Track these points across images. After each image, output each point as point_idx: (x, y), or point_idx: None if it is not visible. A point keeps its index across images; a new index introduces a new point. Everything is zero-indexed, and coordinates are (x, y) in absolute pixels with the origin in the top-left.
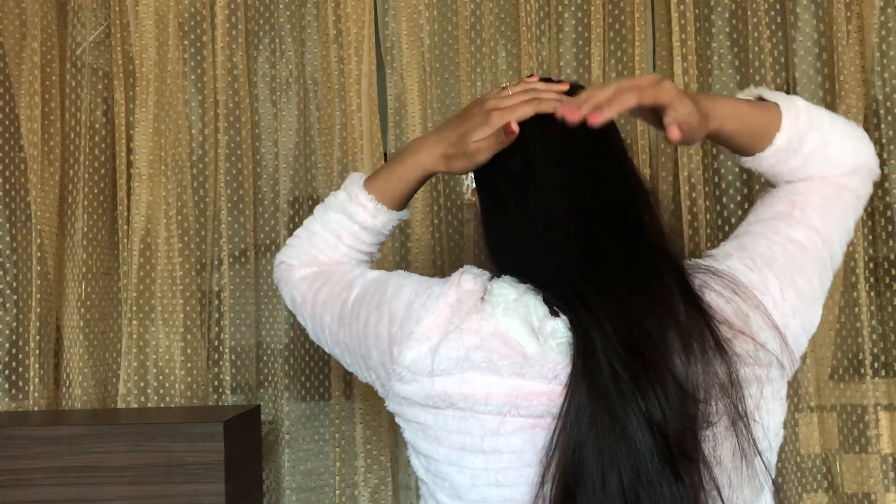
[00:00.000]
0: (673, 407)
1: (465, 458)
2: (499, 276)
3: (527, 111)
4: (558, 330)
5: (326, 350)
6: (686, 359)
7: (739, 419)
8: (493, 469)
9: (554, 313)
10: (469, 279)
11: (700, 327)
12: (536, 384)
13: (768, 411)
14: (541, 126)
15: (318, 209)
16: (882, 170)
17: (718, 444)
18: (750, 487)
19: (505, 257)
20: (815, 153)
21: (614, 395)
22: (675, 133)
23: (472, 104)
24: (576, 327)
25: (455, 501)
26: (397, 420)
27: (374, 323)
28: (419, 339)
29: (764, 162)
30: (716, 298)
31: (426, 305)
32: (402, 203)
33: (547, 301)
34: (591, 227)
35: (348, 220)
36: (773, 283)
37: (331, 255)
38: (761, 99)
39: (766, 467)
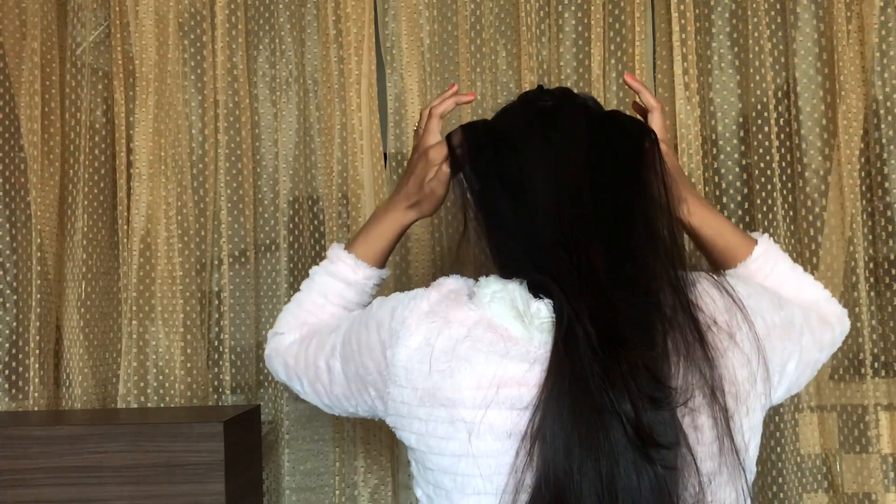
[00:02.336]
0: (645, 398)
1: (455, 464)
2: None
3: (426, 119)
4: (542, 310)
5: (325, 403)
6: (667, 351)
7: (719, 412)
8: (481, 476)
9: (538, 297)
10: (451, 281)
11: (685, 321)
12: (518, 367)
13: (749, 412)
14: (539, 131)
15: (303, 284)
16: (882, 170)
17: (700, 437)
18: (730, 487)
19: (501, 257)
20: (788, 276)
21: (591, 385)
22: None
23: (412, 155)
24: (558, 311)
25: None
26: (399, 436)
27: (364, 337)
28: (406, 336)
29: (745, 272)
30: (704, 293)
31: (409, 306)
32: (381, 260)
33: (531, 289)
34: (581, 228)
35: (332, 279)
36: (766, 301)
37: (319, 315)
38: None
39: (741, 466)
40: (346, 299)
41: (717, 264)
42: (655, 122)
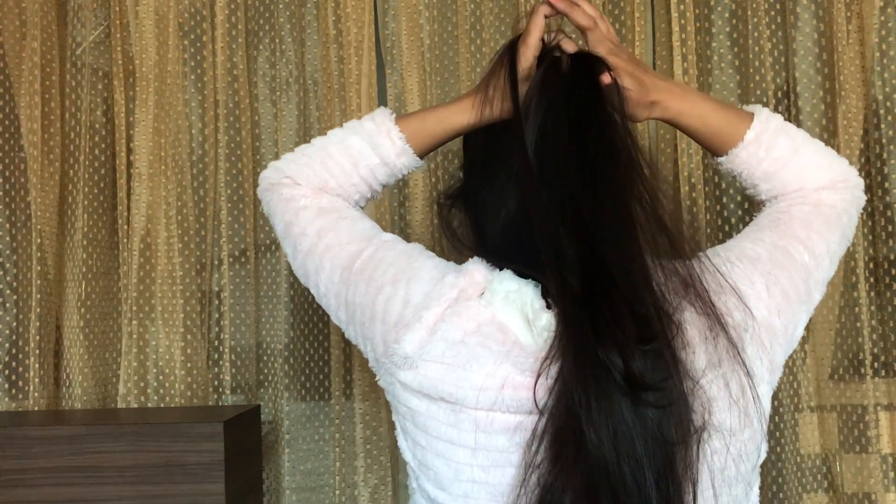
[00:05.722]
0: (631, 340)
1: (451, 450)
2: (500, 269)
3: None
4: (551, 323)
5: (310, 288)
6: (654, 292)
7: (712, 317)
8: (479, 466)
9: (548, 306)
10: (480, 270)
11: (672, 264)
12: (525, 376)
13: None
14: (534, 119)
15: (335, 133)
16: (882, 170)
17: (694, 357)
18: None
19: (490, 241)
20: (787, 159)
21: (591, 362)
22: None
23: (495, 60)
24: (563, 320)
25: (439, 492)
26: (388, 398)
27: (386, 297)
28: (423, 321)
29: (736, 160)
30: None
31: (439, 294)
32: (427, 151)
33: (544, 294)
34: (573, 199)
35: (371, 151)
36: (759, 279)
37: (341, 181)
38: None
39: (754, 393)
40: (375, 176)
41: (710, 152)
42: (596, 40)
